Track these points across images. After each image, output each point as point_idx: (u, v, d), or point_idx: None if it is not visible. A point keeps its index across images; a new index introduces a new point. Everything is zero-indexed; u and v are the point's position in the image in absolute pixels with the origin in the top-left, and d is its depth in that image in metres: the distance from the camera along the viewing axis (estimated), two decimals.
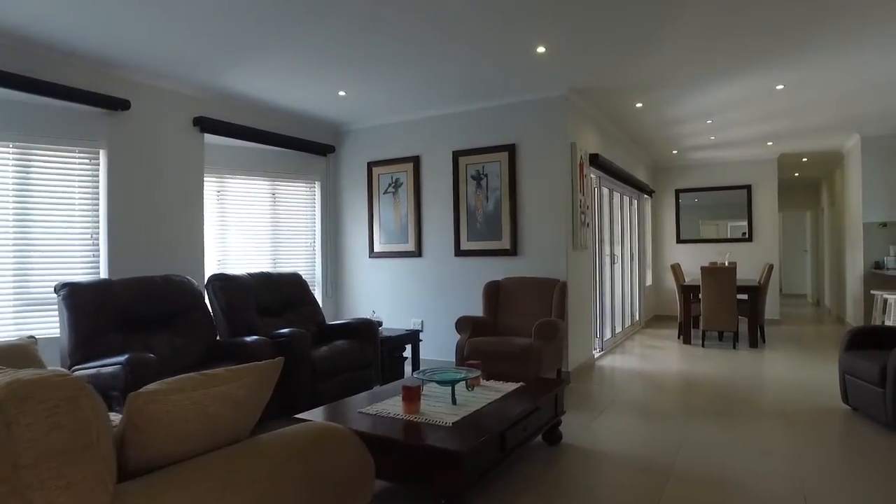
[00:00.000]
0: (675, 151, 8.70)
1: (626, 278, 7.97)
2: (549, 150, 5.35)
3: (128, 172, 4.65)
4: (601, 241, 6.62)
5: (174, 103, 4.96)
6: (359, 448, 1.88)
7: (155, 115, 4.82)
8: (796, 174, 11.36)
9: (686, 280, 8.16)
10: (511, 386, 3.44)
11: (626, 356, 6.50)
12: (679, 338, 7.52)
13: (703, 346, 7.06)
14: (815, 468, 3.14)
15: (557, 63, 4.59)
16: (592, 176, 6.43)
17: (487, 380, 3.62)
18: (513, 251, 5.51)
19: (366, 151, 6.50)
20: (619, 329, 7.46)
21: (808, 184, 12.54)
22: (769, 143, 8.18)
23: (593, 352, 6.22)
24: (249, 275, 4.88)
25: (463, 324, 4.95)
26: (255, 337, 4.02)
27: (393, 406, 3.00)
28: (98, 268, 4.53)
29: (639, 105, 5.89)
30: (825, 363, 5.91)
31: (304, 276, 6.43)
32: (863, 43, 4.33)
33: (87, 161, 4.50)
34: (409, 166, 6.18)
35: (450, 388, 3.12)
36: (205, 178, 5.53)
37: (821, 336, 7.79)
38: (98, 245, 4.53)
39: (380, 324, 5.52)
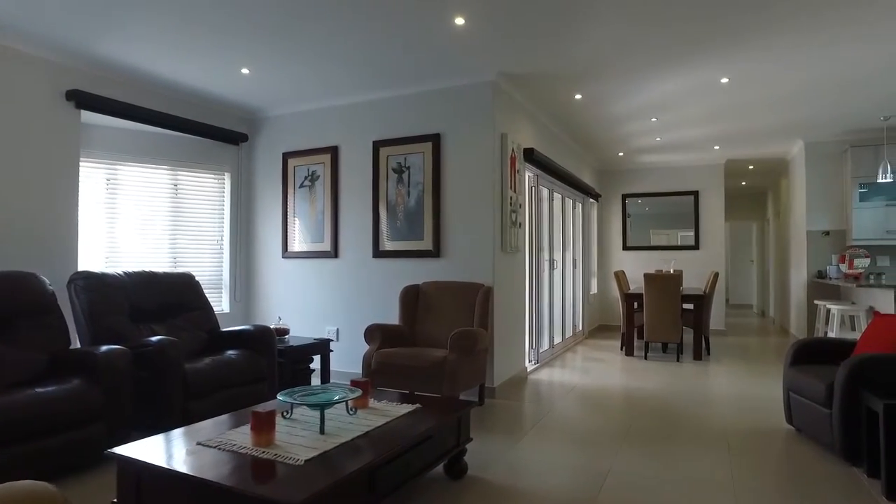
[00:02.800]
0: (621, 154, 8.35)
1: (568, 286, 7.53)
2: (476, 141, 4.85)
3: None
4: (539, 245, 6.15)
5: (38, 72, 4.25)
6: None
7: (11, 84, 4.09)
8: (743, 183, 11.23)
9: (631, 288, 7.78)
10: (405, 408, 2.88)
11: (564, 369, 6.03)
12: (622, 349, 7.11)
13: (645, 357, 6.65)
14: (751, 499, 2.68)
15: (482, 43, 4.08)
16: (530, 174, 5.97)
17: (381, 400, 3.05)
18: (435, 252, 4.97)
19: (281, 141, 5.88)
20: (558, 340, 6.99)
21: (754, 193, 12.47)
22: (716, 147, 7.91)
23: (526, 365, 5.72)
24: (125, 274, 4.19)
25: (372, 333, 4.37)
26: (110, 347, 3.34)
27: (245, 435, 2.40)
28: None
29: (578, 97, 5.45)
30: (769, 378, 5.55)
31: (210, 278, 5.77)
32: (802, 36, 4.00)
33: None
34: (327, 158, 5.58)
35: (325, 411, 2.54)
36: (87, 163, 4.83)
37: (766, 348, 7.51)
38: None
39: (286, 332, 4.90)
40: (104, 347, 3.32)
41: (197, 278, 4.65)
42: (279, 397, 2.57)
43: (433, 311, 4.68)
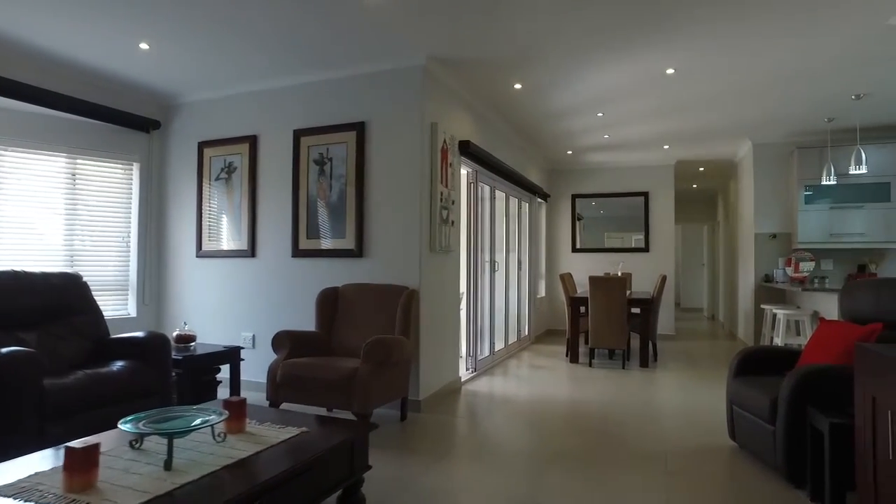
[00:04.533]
0: (570, 152, 8.07)
1: (513, 289, 7.19)
2: (404, 130, 4.44)
3: None
4: (478, 245, 5.78)
5: None
6: None
7: None
8: (694, 185, 11.14)
9: (578, 292, 7.50)
10: (287, 433, 2.43)
11: (503, 378, 5.66)
12: (567, 356, 6.80)
13: (590, 365, 6.35)
14: None
15: (406, 20, 3.68)
16: (468, 170, 5.59)
17: (264, 422, 2.60)
18: (358, 252, 4.53)
19: (197, 129, 5.35)
20: (500, 346, 6.64)
21: (705, 196, 12.43)
22: (665, 147, 7.70)
23: (461, 374, 5.33)
24: None
25: (280, 341, 3.91)
26: None
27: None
28: None
29: (517, 87, 5.10)
30: (715, 386, 5.30)
31: (114, 279, 5.20)
32: (746, 25, 3.75)
33: None
34: (245, 147, 5.09)
35: (182, 439, 2.08)
36: None
37: (714, 353, 7.32)
38: None
39: (191, 339, 4.39)
40: None
41: (97, 279, 4.11)
42: (120, 425, 2.10)
43: (352, 317, 4.25)
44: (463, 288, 5.66)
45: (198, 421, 2.17)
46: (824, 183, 6.05)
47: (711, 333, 9.46)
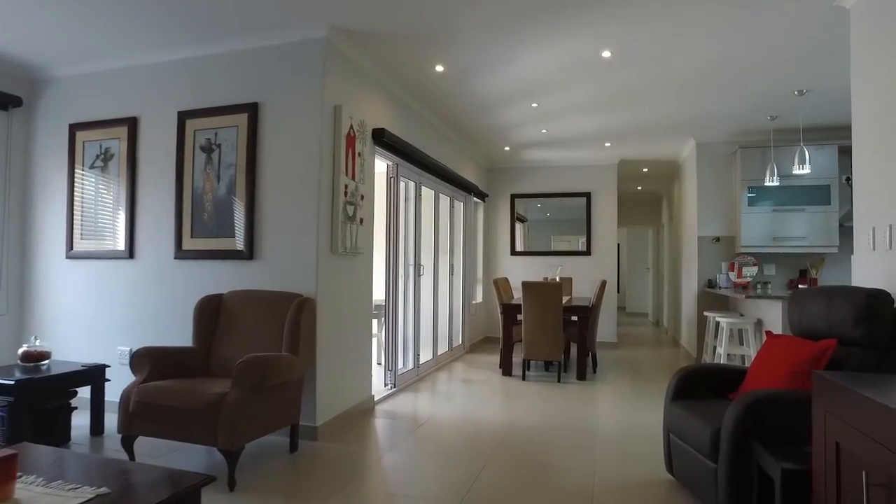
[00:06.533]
0: (507, 148, 7.59)
1: (443, 294, 6.64)
2: (302, 113, 3.82)
3: None
4: (398, 247, 5.20)
5: None
6: None
7: None
8: (639, 188, 10.89)
9: (515, 298, 7.01)
10: (77, 497, 1.79)
11: (427, 394, 5.10)
12: (501, 367, 6.28)
13: (523, 378, 5.85)
14: None
15: None
16: (388, 164, 5.01)
17: (52, 483, 1.94)
18: (248, 254, 3.89)
19: (68, 108, 4.59)
20: (428, 357, 6.07)
21: (650, 199, 12.23)
22: (607, 144, 7.31)
23: (374, 392, 4.73)
24: None
25: (139, 360, 3.22)
26: None
27: None
28: None
29: (439, 69, 4.55)
30: (654, 403, 4.88)
31: None
32: (682, 4, 3.30)
33: None
34: (124, 131, 4.36)
35: None
36: None
37: (657, 363, 6.96)
38: None
39: (42, 356, 3.67)
40: None
41: None
42: None
43: (237, 330, 3.60)
44: (381, 295, 5.07)
45: None
46: (767, 184, 5.76)
47: (655, 340, 9.16)
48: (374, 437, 3.82)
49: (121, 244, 4.31)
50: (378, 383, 5.00)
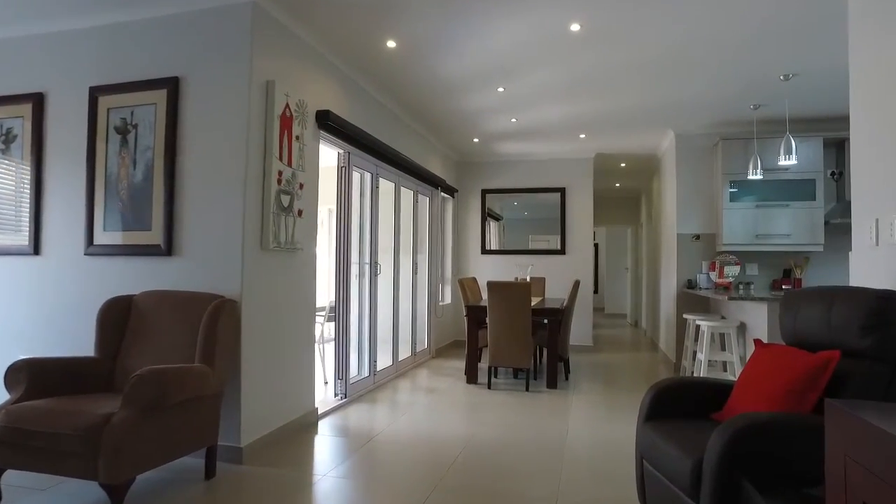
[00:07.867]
0: (476, 140, 7.14)
1: (405, 296, 6.17)
2: (229, 89, 3.34)
3: None
4: (350, 243, 4.72)
5: None
6: None
7: None
8: (617, 185, 10.53)
9: (482, 299, 6.57)
10: None
11: (382, 406, 4.62)
12: (466, 375, 5.82)
13: (489, 387, 5.40)
14: None
15: None
16: (339, 152, 4.54)
17: None
18: (167, 249, 3.38)
19: None
20: (386, 364, 5.60)
21: (629, 197, 11.89)
22: (582, 136, 6.90)
23: (321, 404, 4.25)
24: None
25: (14, 375, 2.70)
26: None
27: None
28: None
29: (391, 44, 4.08)
30: (628, 414, 4.47)
31: None
32: None
33: None
34: (27, 109, 3.82)
35: None
36: None
37: (634, 368, 6.56)
38: None
39: None
40: None
41: None
42: None
43: (148, 337, 3.10)
44: (330, 296, 4.59)
45: None
46: (750, 177, 5.39)
47: (633, 343, 8.77)
48: (311, 457, 3.35)
49: (24, 238, 3.78)
50: (328, 394, 4.52)
